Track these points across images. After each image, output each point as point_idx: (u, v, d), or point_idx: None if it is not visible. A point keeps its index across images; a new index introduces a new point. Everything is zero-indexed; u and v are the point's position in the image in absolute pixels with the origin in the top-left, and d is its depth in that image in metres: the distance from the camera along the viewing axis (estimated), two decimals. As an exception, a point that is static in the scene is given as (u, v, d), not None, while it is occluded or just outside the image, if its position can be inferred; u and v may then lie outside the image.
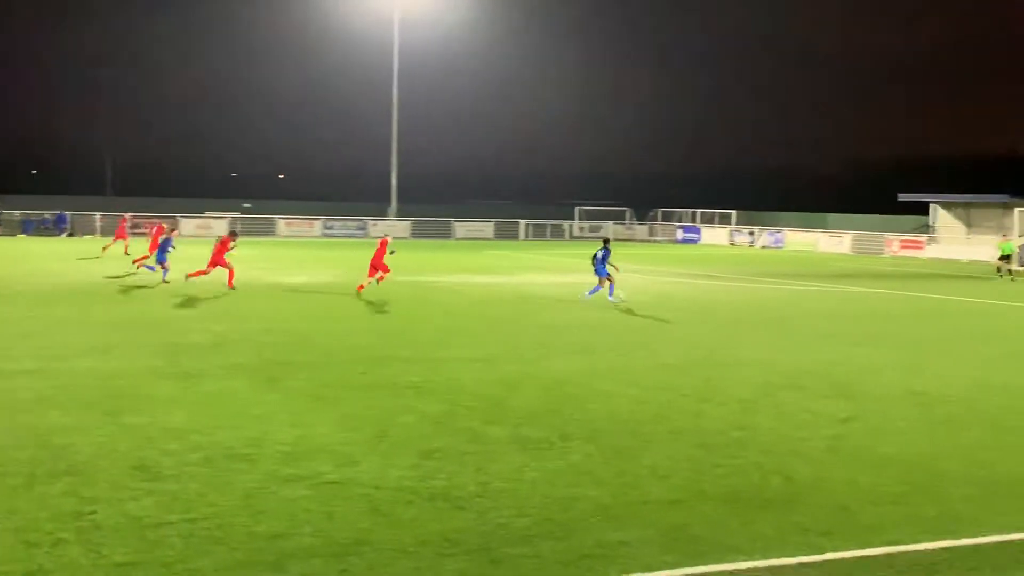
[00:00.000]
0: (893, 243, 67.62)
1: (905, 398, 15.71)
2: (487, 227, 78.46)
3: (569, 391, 15.64)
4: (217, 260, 30.46)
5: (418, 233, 74.38)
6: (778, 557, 8.55)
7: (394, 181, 78.03)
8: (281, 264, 42.83)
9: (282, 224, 72.57)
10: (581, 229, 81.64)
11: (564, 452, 11.87)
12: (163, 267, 32.15)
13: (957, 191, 69.05)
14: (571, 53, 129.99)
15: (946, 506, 10.11)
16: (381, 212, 77.96)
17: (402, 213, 77.62)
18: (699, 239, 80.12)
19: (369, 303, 27.87)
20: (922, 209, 69.21)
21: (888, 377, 17.57)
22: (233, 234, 32.62)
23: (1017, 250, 49.53)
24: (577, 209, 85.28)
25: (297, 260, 46.11)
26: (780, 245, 72.89)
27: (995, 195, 64.55)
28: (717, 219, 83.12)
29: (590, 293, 29.01)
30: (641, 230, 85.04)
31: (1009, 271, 47.11)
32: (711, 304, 30.45)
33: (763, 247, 73.87)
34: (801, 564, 8.43)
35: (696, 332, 23.38)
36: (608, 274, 28.63)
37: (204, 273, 30.65)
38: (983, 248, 63.14)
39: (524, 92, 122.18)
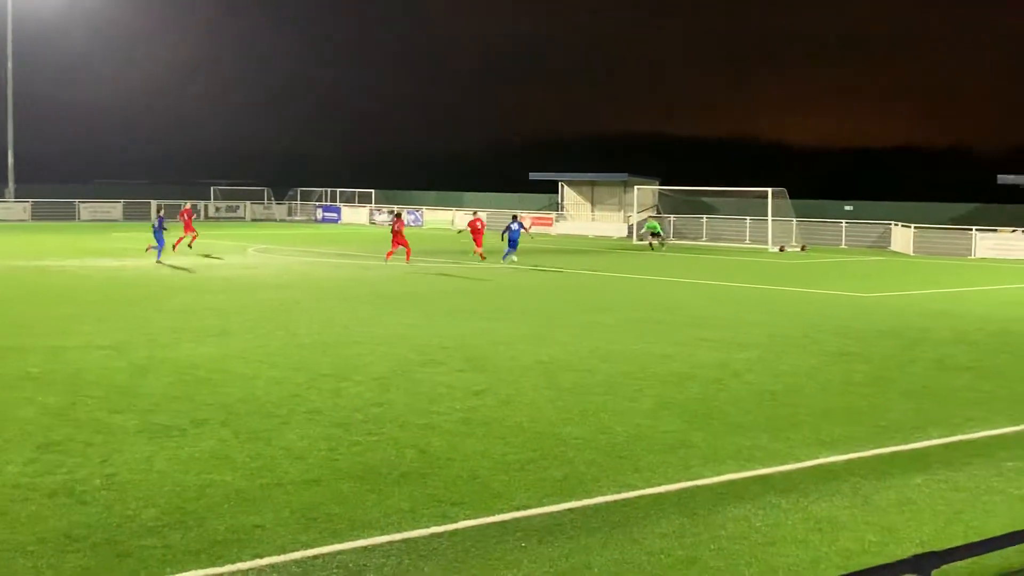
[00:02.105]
0: (525, 220, 70.42)
1: (534, 368, 16.41)
2: (115, 208, 74.84)
3: (203, 375, 15.22)
4: (399, 239, 36.72)
5: (39, 215, 70.04)
6: (412, 529, 8.70)
7: (11, 160, 72.81)
8: None
9: None
10: (218, 209, 79.57)
11: (197, 438, 11.53)
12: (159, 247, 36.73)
13: (582, 170, 72.79)
14: (213, 27, 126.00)
15: (570, 469, 10.65)
16: (-3, 193, 72.64)
17: (21, 194, 72.59)
18: (339, 219, 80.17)
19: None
20: (552, 187, 72.45)
21: (518, 349, 18.28)
22: (398, 215, 39.56)
23: (660, 227, 54.29)
24: (213, 189, 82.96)
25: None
26: (419, 224, 74.18)
27: (616, 174, 68.62)
28: (357, 199, 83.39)
29: (505, 257, 38.63)
30: (280, 210, 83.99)
31: (662, 243, 53.22)
32: (348, 282, 30.56)
33: (402, 226, 74.75)
34: (433, 534, 8.61)
35: (334, 311, 23.38)
36: (516, 244, 38.74)
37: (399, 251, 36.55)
38: (607, 224, 67.14)
39: (156, 67, 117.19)
